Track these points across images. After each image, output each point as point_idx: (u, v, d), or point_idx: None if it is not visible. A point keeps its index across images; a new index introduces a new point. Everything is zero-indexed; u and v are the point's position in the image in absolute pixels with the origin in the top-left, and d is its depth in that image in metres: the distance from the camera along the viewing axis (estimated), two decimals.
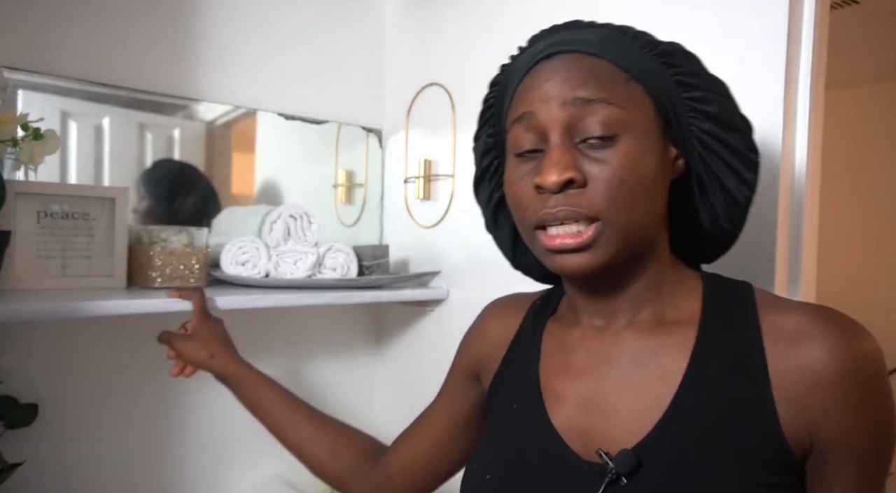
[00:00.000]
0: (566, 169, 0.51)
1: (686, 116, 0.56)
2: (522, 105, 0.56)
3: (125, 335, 1.15)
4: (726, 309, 0.55)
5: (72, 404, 1.10)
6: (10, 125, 0.87)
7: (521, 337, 0.68)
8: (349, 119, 1.46)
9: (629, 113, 0.53)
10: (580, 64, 0.54)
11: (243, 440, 1.29)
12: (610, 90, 0.53)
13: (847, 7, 2.01)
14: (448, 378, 0.78)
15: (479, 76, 1.26)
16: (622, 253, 0.54)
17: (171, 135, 1.22)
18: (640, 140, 0.53)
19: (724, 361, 0.52)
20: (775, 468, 0.49)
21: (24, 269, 0.95)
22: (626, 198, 0.52)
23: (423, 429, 0.77)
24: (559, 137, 0.53)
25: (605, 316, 0.60)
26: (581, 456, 0.54)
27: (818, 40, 0.79)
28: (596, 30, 0.58)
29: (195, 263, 1.07)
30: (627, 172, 0.52)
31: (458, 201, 1.29)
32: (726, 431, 0.50)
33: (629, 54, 0.55)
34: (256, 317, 1.30)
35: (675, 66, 0.56)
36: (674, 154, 0.57)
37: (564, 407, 0.58)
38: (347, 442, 0.81)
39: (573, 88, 0.53)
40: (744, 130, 0.58)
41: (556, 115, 0.53)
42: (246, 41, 1.29)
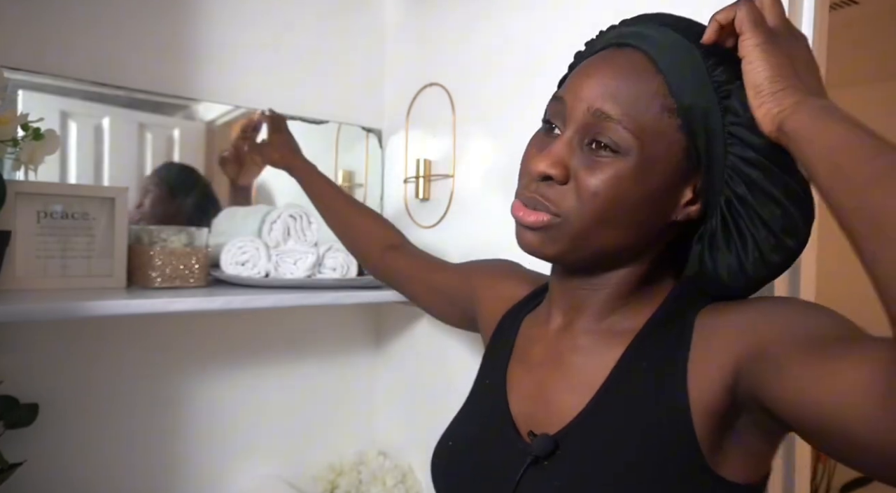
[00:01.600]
0: (553, 164, 0.54)
1: (724, 169, 0.53)
2: (565, 87, 0.58)
3: (125, 335, 1.15)
4: (669, 317, 0.58)
5: (72, 404, 1.10)
6: (10, 125, 0.87)
7: (510, 316, 0.74)
8: (349, 119, 1.46)
9: (641, 143, 0.52)
10: (631, 71, 0.53)
11: (243, 439, 1.29)
12: (635, 116, 0.52)
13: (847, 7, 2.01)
14: (458, 272, 0.90)
15: (479, 76, 1.26)
16: (572, 254, 0.57)
17: (171, 135, 1.22)
18: (640, 168, 0.53)
19: (650, 360, 0.55)
20: (682, 463, 0.51)
21: (24, 269, 0.95)
22: (591, 211, 0.53)
23: (429, 267, 0.96)
24: (568, 135, 0.55)
25: (568, 314, 0.63)
26: (522, 437, 0.60)
27: (818, 40, 0.79)
28: (682, 36, 0.54)
29: (195, 263, 1.07)
30: (605, 189, 0.53)
31: (457, 201, 1.29)
32: (639, 424, 0.53)
33: (692, 82, 0.52)
34: (256, 317, 1.30)
35: (736, 114, 0.51)
36: (688, 198, 0.56)
37: (519, 393, 0.64)
38: (369, 240, 1.07)
39: (602, 99, 0.53)
40: (790, 210, 0.51)
41: (577, 116, 0.55)
42: (246, 41, 1.29)
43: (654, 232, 0.57)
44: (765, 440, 0.53)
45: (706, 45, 0.53)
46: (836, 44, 0.92)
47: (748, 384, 0.48)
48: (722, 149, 0.53)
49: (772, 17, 0.51)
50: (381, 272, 1.05)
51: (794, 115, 0.45)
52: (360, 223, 1.08)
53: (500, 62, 1.19)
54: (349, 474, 1.34)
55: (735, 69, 0.51)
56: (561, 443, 0.56)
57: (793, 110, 0.46)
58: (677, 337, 0.54)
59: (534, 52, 1.12)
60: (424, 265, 0.97)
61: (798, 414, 0.43)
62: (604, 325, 0.61)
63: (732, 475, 0.51)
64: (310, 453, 1.38)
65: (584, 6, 1.03)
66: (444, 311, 0.93)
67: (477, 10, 1.25)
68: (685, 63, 0.52)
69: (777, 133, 0.47)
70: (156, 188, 1.20)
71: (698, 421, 0.50)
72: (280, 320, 1.33)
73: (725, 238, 0.54)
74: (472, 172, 1.25)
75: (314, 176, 1.14)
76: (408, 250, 1.02)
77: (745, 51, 0.49)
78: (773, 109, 0.47)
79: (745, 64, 0.49)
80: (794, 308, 0.50)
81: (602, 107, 0.53)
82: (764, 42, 0.48)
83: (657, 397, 0.53)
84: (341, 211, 1.10)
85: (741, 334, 0.50)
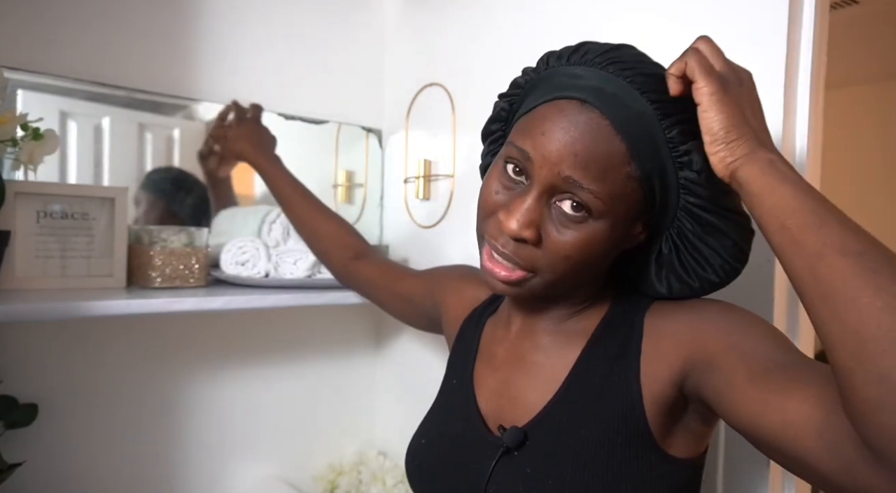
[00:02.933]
0: (525, 227, 0.56)
1: (675, 210, 0.59)
2: (528, 139, 0.57)
3: (125, 335, 1.15)
4: (621, 316, 0.63)
5: (71, 404, 1.10)
6: (9, 125, 0.87)
7: (472, 319, 0.79)
8: (349, 119, 1.46)
9: (610, 207, 0.55)
10: (598, 138, 0.54)
11: (243, 439, 1.29)
12: (604, 183, 0.54)
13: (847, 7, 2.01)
14: (423, 278, 0.94)
15: (479, 76, 1.26)
16: (544, 295, 0.62)
17: (171, 135, 1.22)
18: (606, 228, 0.56)
19: (608, 355, 0.61)
20: (636, 444, 0.57)
21: (24, 269, 0.95)
22: (563, 269, 0.58)
23: (393, 282, 0.98)
24: (536, 195, 0.56)
25: (528, 319, 0.69)
26: (491, 432, 0.65)
27: (818, 40, 0.79)
28: (639, 95, 0.55)
29: (195, 263, 1.07)
30: (576, 252, 0.56)
31: (457, 201, 1.29)
32: (599, 412, 0.59)
33: (650, 144, 0.55)
34: (256, 317, 1.30)
35: (690, 169, 0.55)
36: (639, 230, 0.61)
37: (486, 390, 0.69)
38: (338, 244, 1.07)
39: (573, 166, 0.54)
40: (735, 239, 0.58)
41: (546, 176, 0.56)
42: (246, 41, 1.29)
43: (610, 260, 0.62)
44: (704, 424, 0.60)
45: (661, 102, 0.55)
46: (836, 44, 0.92)
47: (695, 386, 0.55)
48: (676, 197, 0.58)
49: (718, 63, 0.54)
50: (345, 278, 1.08)
51: (744, 166, 0.50)
52: (325, 229, 1.08)
53: (500, 62, 1.19)
54: (349, 474, 1.34)
55: (687, 127, 0.55)
56: (529, 434, 0.61)
57: (743, 162, 0.50)
58: (629, 337, 0.61)
59: (534, 52, 1.11)
60: (389, 274, 1.00)
61: (750, 434, 0.49)
62: (561, 327, 0.66)
63: (678, 452, 0.59)
64: (310, 453, 1.38)
65: (584, 6, 1.03)
66: (409, 316, 0.98)
67: (477, 10, 1.25)
68: (645, 128, 0.55)
69: (729, 179, 0.52)
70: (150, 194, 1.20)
71: (649, 410, 0.57)
72: (280, 320, 1.33)
73: (680, 263, 0.60)
74: (473, 172, 1.25)
75: (278, 175, 1.12)
76: (372, 259, 1.04)
77: (699, 98, 0.53)
78: (726, 157, 0.52)
79: (700, 110, 0.53)
80: (737, 318, 0.55)
81: (573, 175, 0.54)
82: (717, 91, 0.52)
83: (614, 390, 0.59)
84: (306, 214, 1.09)
85: (689, 339, 0.56)
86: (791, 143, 0.79)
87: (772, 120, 0.77)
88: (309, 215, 1.09)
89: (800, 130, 0.79)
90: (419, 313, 0.94)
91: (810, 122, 0.78)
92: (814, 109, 0.79)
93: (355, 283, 1.06)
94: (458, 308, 0.83)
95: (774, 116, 0.78)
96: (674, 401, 0.58)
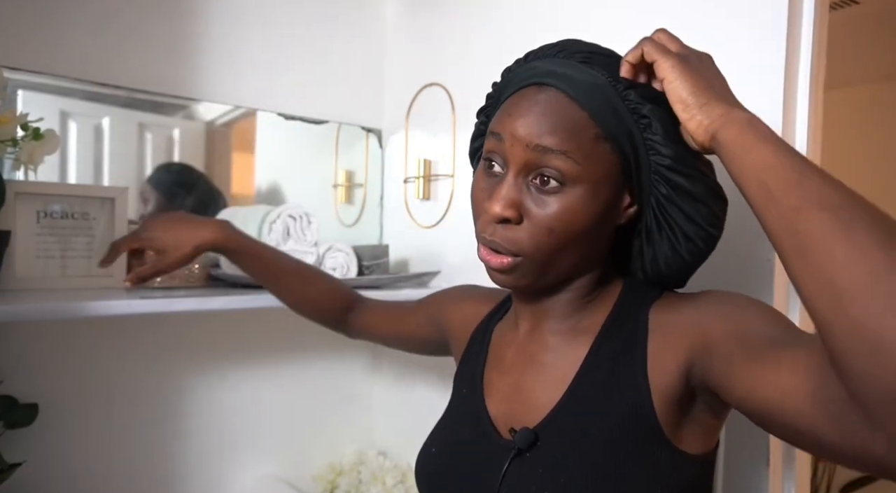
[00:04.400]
0: (507, 207, 0.58)
1: (650, 175, 0.60)
2: (500, 125, 0.60)
3: (125, 335, 1.15)
4: (627, 311, 0.63)
5: (72, 404, 1.10)
6: (9, 125, 0.87)
7: (479, 330, 0.79)
8: (349, 119, 1.46)
9: (584, 168, 0.57)
10: (558, 108, 0.57)
11: (243, 439, 1.29)
12: (573, 143, 0.56)
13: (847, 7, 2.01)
14: (422, 307, 0.91)
15: (479, 76, 1.26)
16: (540, 281, 0.62)
17: (171, 135, 1.22)
18: (587, 193, 0.58)
19: (614, 352, 0.61)
20: (647, 440, 0.57)
21: (24, 269, 0.95)
22: (548, 244, 0.58)
23: (395, 324, 0.94)
24: (513, 175, 0.59)
25: (534, 320, 0.68)
26: (502, 435, 0.65)
27: (818, 40, 0.79)
28: (591, 72, 0.58)
29: (195, 263, 1.07)
30: (558, 222, 0.57)
31: (457, 201, 1.29)
32: (608, 410, 0.58)
33: (610, 110, 0.57)
34: (256, 317, 1.30)
35: (651, 130, 0.58)
36: (627, 202, 0.62)
37: (496, 395, 0.69)
38: (328, 299, 0.97)
39: (540, 135, 0.57)
40: (708, 204, 0.59)
41: (518, 154, 0.58)
42: (246, 41, 1.29)
43: (603, 240, 0.63)
44: (714, 416, 0.60)
45: (612, 73, 0.58)
46: (836, 44, 0.92)
47: (701, 374, 0.55)
48: (646, 159, 0.59)
49: (674, 46, 0.57)
50: (351, 333, 1.00)
51: (724, 126, 0.51)
52: (314, 290, 0.96)
53: (500, 62, 1.18)
54: (349, 474, 1.34)
55: (642, 90, 0.58)
56: (540, 434, 0.61)
57: (723, 122, 0.51)
58: (635, 332, 0.61)
59: None
60: (390, 317, 0.95)
61: (750, 408, 0.50)
62: (567, 325, 0.66)
63: (689, 447, 0.58)
64: (310, 453, 1.38)
65: (584, 6, 1.03)
66: (419, 349, 0.96)
67: (477, 10, 1.25)
68: (601, 94, 0.58)
69: (711, 142, 0.52)
70: (156, 191, 1.20)
71: (658, 405, 0.57)
72: (280, 320, 1.33)
73: (659, 232, 0.61)
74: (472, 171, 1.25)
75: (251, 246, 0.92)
76: (367, 306, 0.98)
77: (662, 72, 0.55)
78: (703, 120, 0.52)
79: (665, 84, 0.55)
80: (735, 304, 0.56)
81: (541, 142, 0.57)
82: (677, 62, 0.54)
83: (622, 386, 0.59)
84: (295, 281, 0.95)
85: (691, 330, 0.56)
86: (791, 142, 0.79)
87: (772, 120, 0.78)
88: (297, 281, 0.96)
89: (800, 130, 0.79)
90: (428, 341, 0.92)
91: (810, 122, 0.78)
92: (814, 109, 0.79)
93: (360, 335, 0.99)
94: (462, 327, 0.82)
95: (774, 116, 0.78)
96: (682, 394, 0.58)
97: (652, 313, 0.61)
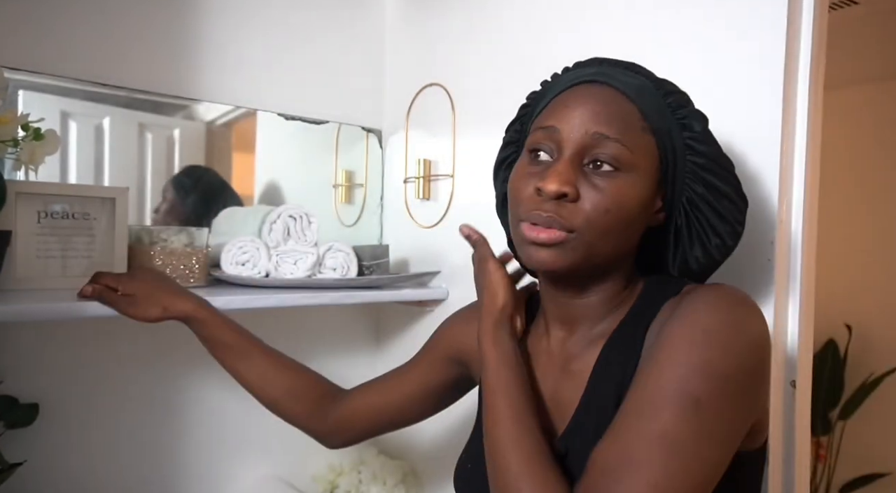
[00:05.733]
0: (566, 183, 0.59)
1: (684, 175, 0.63)
2: (552, 118, 0.63)
3: (125, 335, 1.15)
4: (637, 315, 0.63)
5: (72, 404, 1.10)
6: (10, 125, 0.87)
7: None
8: (349, 119, 1.46)
9: (636, 157, 0.60)
10: (611, 102, 0.61)
11: (243, 439, 1.29)
12: (627, 134, 0.60)
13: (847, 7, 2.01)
14: (427, 350, 0.87)
15: (479, 76, 1.26)
16: (583, 264, 0.61)
17: (171, 135, 1.22)
18: (637, 182, 0.60)
19: (620, 358, 0.61)
20: None
21: (25, 269, 0.95)
22: (603, 224, 0.59)
23: (396, 388, 0.86)
24: (570, 155, 0.60)
25: (566, 324, 0.68)
26: None
27: (817, 40, 0.79)
28: (637, 76, 0.64)
29: (195, 263, 1.07)
30: (614, 204, 0.59)
31: (457, 201, 1.29)
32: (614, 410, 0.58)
33: (655, 108, 0.62)
34: (256, 317, 1.30)
35: (691, 130, 0.62)
36: (658, 206, 0.64)
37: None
38: (305, 383, 0.87)
39: (597, 123, 0.60)
40: (737, 203, 0.63)
41: (576, 138, 0.60)
42: (246, 41, 1.29)
43: (635, 237, 0.64)
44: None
45: (653, 78, 0.64)
46: (836, 44, 0.92)
47: None
48: (683, 160, 0.63)
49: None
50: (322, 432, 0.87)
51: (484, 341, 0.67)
52: (287, 373, 0.87)
53: (500, 62, 1.19)
54: (349, 474, 1.34)
55: (680, 97, 0.64)
56: (568, 444, 0.61)
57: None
58: (636, 337, 0.61)
59: (534, 52, 1.12)
60: (384, 388, 0.86)
61: None
62: (600, 330, 0.66)
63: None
64: (310, 453, 1.38)
65: (584, 6, 1.03)
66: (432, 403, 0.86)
67: (477, 10, 1.25)
68: (647, 94, 0.62)
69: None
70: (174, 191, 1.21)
71: None
72: (280, 320, 1.33)
73: (689, 232, 0.64)
74: (472, 172, 1.25)
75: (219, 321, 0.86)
76: (352, 393, 0.88)
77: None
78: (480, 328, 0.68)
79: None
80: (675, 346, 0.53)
81: (599, 129, 0.59)
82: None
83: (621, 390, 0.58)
84: (272, 368, 0.87)
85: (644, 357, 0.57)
86: (790, 142, 0.79)
87: (771, 119, 0.78)
88: (274, 361, 0.87)
89: (799, 130, 0.79)
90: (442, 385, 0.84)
91: (810, 122, 0.78)
92: (813, 109, 0.79)
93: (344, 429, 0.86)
94: (473, 345, 0.77)
95: (774, 116, 0.78)
96: None
97: (657, 315, 0.61)
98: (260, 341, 0.89)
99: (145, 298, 0.83)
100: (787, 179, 0.78)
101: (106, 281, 0.84)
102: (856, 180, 2.67)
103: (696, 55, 0.86)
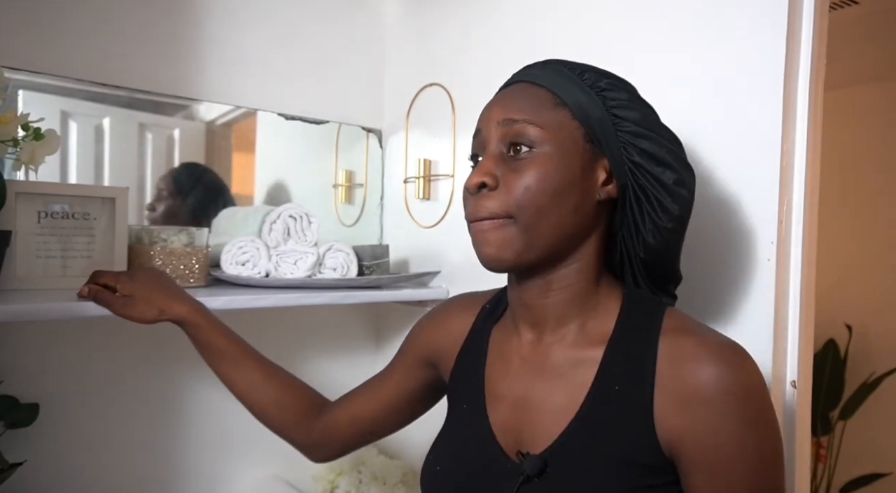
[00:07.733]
0: (483, 174, 0.62)
1: (619, 145, 0.64)
2: (478, 124, 0.68)
3: (125, 335, 1.15)
4: (634, 330, 0.62)
5: (72, 404, 1.10)
6: (10, 125, 0.87)
7: (471, 338, 0.76)
8: (349, 119, 1.46)
9: (547, 132, 0.62)
10: (521, 92, 0.65)
11: (243, 439, 1.29)
12: (534, 113, 0.63)
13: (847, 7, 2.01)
14: (401, 356, 0.86)
15: (479, 76, 1.26)
16: (530, 253, 0.62)
17: (171, 135, 1.22)
18: (554, 155, 0.62)
19: (623, 377, 0.60)
20: (654, 472, 0.57)
21: (25, 269, 0.95)
22: (530, 202, 0.61)
23: (374, 396, 0.85)
24: (491, 150, 0.64)
25: (535, 326, 0.67)
26: (508, 456, 0.63)
27: (818, 40, 0.79)
28: (549, 65, 0.67)
29: (195, 263, 1.07)
30: (533, 180, 0.61)
31: (457, 201, 1.29)
32: (617, 439, 0.58)
33: (566, 85, 0.64)
34: (256, 317, 1.30)
35: (612, 100, 0.63)
36: (603, 178, 0.64)
37: (500, 410, 0.67)
38: (294, 394, 0.87)
39: (508, 112, 0.64)
40: (679, 169, 0.63)
41: (492, 132, 0.64)
42: (246, 41, 1.29)
43: (585, 215, 0.64)
44: None
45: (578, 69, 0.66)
46: (836, 44, 0.92)
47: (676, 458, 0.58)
48: (611, 129, 0.63)
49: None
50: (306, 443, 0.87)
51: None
52: (275, 382, 0.87)
53: (500, 62, 1.19)
54: (349, 474, 1.34)
55: (597, 73, 0.65)
56: (549, 461, 0.60)
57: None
58: (643, 362, 0.59)
59: (533, 52, 1.12)
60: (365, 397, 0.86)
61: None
62: (570, 337, 0.65)
63: None
64: None
65: (584, 6, 1.03)
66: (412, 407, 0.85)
67: (477, 10, 1.25)
68: (559, 76, 0.65)
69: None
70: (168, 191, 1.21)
71: (664, 444, 0.57)
72: (280, 320, 1.33)
73: (639, 207, 0.64)
74: None
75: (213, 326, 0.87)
76: (336, 403, 0.87)
77: None
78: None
79: None
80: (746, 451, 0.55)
81: (508, 115, 0.63)
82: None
83: (629, 423, 0.58)
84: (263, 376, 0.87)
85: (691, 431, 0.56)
86: (790, 142, 0.79)
87: (771, 119, 0.78)
88: (263, 369, 0.88)
89: (799, 131, 0.79)
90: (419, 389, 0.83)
91: (810, 122, 0.78)
92: (813, 109, 0.79)
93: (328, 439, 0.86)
94: (453, 343, 0.78)
95: (774, 116, 0.78)
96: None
97: (662, 342, 0.60)
98: (253, 349, 0.88)
99: (142, 299, 0.82)
100: (787, 179, 0.78)
101: (104, 280, 0.84)
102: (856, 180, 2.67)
103: (697, 55, 0.86)
